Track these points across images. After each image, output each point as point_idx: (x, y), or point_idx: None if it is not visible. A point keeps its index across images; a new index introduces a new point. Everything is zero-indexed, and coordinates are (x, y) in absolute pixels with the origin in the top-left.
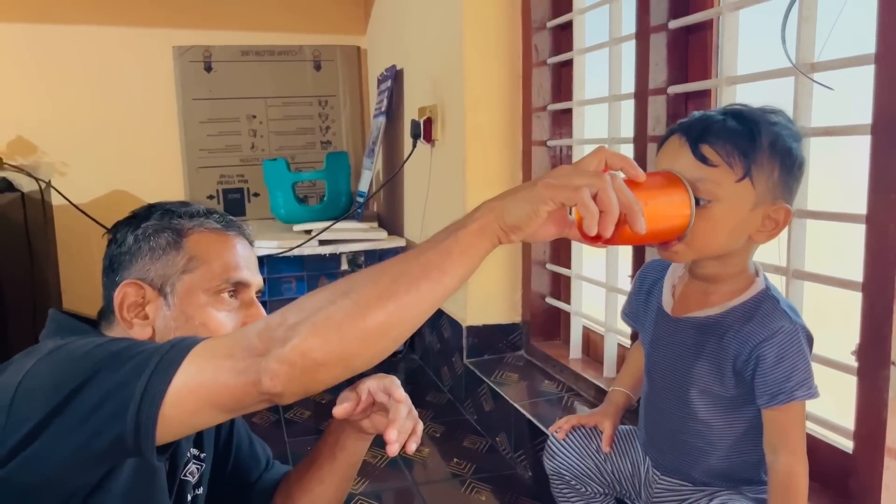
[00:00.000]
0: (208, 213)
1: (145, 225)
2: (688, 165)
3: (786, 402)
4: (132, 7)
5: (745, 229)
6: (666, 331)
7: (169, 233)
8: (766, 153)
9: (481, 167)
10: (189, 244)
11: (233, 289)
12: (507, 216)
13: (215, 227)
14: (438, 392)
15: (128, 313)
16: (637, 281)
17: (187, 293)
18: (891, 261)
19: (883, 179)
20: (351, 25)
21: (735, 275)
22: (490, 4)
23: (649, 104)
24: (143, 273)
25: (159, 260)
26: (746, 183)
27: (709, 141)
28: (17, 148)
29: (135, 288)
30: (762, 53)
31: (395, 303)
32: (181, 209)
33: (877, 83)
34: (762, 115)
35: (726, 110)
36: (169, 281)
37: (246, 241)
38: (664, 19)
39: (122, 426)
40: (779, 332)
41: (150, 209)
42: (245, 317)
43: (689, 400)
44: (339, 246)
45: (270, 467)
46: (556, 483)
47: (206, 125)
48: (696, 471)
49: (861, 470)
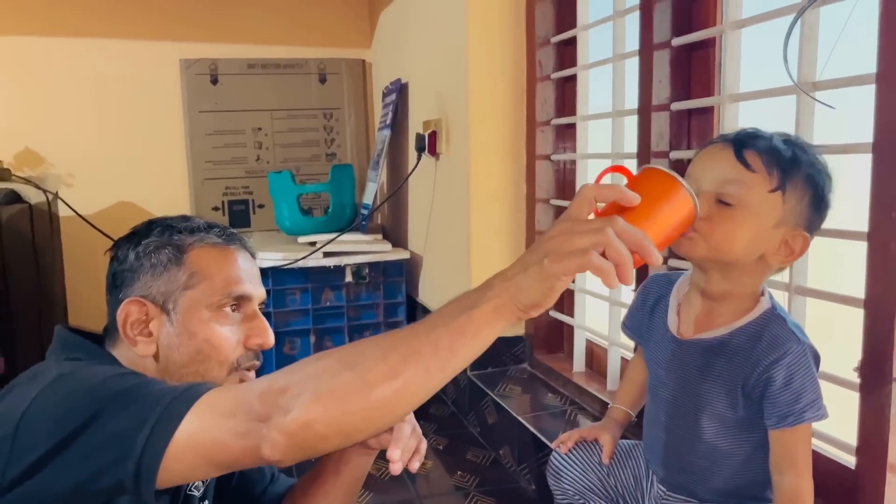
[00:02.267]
0: (209, 227)
1: (146, 242)
2: (726, 167)
3: (795, 424)
4: (139, 20)
5: (763, 245)
6: (672, 352)
7: (170, 249)
8: (803, 178)
9: (485, 181)
10: (190, 260)
11: (235, 303)
12: (522, 297)
13: (216, 242)
14: (442, 404)
15: (131, 331)
16: (640, 295)
17: (190, 309)
18: (892, 278)
19: (884, 197)
20: (356, 39)
21: (743, 295)
22: (495, 19)
23: (652, 120)
24: (145, 290)
25: (161, 277)
26: (777, 196)
27: (754, 146)
28: (25, 159)
29: (137, 305)
30: (765, 71)
31: (401, 381)
32: (181, 224)
33: (877, 102)
34: (808, 148)
35: (778, 132)
36: (171, 297)
37: (247, 254)
38: (667, 36)
39: (123, 474)
40: (788, 354)
41: (149, 225)
42: (248, 329)
43: (696, 421)
44: (343, 258)
45: (275, 481)
46: (559, 498)
47: (211, 137)
48: (701, 490)
49: (864, 486)
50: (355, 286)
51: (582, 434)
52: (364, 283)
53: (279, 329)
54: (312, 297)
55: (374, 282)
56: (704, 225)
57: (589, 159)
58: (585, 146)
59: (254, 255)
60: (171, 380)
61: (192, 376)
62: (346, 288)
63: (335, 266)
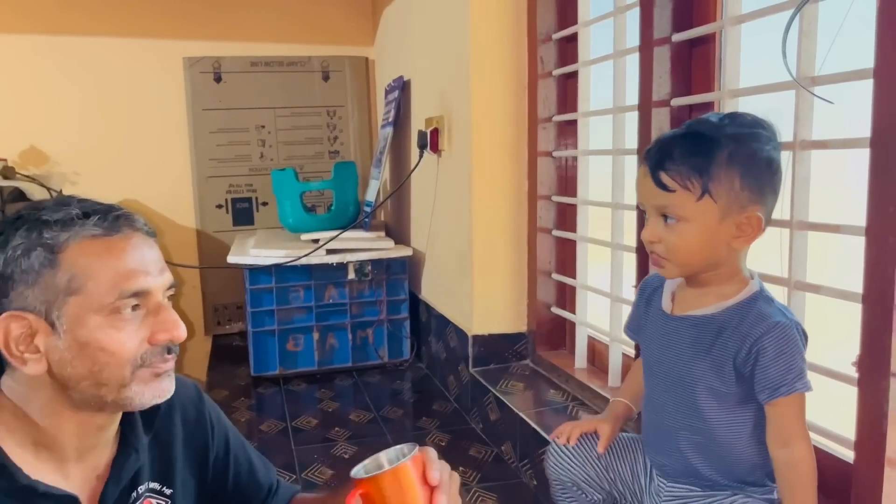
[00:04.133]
0: (86, 214)
1: (13, 244)
2: (653, 193)
3: (788, 394)
4: (143, 19)
5: (721, 239)
6: (665, 329)
7: (40, 250)
8: (724, 167)
9: (487, 177)
10: (66, 260)
11: (135, 302)
12: None
13: (95, 233)
14: (444, 401)
15: (16, 349)
16: (638, 293)
17: (77, 318)
18: (890, 272)
19: (882, 192)
20: (359, 36)
21: (728, 278)
22: (496, 17)
23: (653, 116)
24: (22, 301)
25: (36, 284)
26: (707, 200)
27: (665, 168)
28: (30, 158)
29: (17, 320)
30: (764, 67)
31: None
32: (53, 215)
33: (875, 97)
34: (720, 128)
35: (686, 131)
36: (54, 306)
37: (141, 236)
38: (667, 32)
39: None
40: (776, 327)
41: (16, 221)
42: (154, 325)
43: (690, 396)
44: (346, 255)
45: (275, 492)
46: (556, 488)
47: (215, 135)
48: (701, 468)
49: (862, 480)
50: (358, 283)
51: (582, 427)
52: (367, 280)
53: (282, 326)
54: (315, 294)
55: (376, 279)
56: (662, 247)
57: (590, 155)
58: (587, 142)
59: (151, 233)
60: (73, 393)
61: (93, 388)
62: (348, 285)
63: (338, 263)
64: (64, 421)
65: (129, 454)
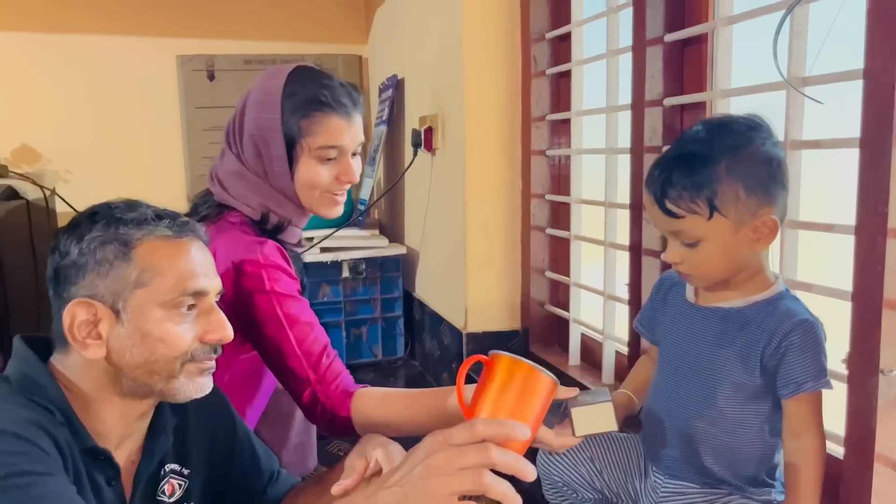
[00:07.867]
0: (158, 217)
1: (89, 237)
2: (665, 221)
3: (812, 390)
4: (136, 17)
5: (741, 248)
6: (689, 319)
7: (116, 244)
8: (725, 181)
9: (481, 176)
10: (139, 256)
11: (192, 301)
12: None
13: (166, 234)
14: None
15: (79, 334)
16: (654, 288)
17: (141, 309)
18: (879, 271)
19: (871, 192)
20: (352, 35)
21: (752, 276)
22: (490, 16)
23: (645, 115)
24: (91, 289)
25: (108, 275)
26: (717, 217)
27: (669, 196)
28: (22, 156)
29: (84, 307)
30: (756, 67)
31: None
32: (128, 215)
33: (865, 98)
34: (711, 142)
35: (679, 152)
36: (121, 297)
37: (200, 243)
38: (660, 32)
39: None
40: (805, 324)
41: (92, 216)
42: (205, 324)
43: (708, 386)
44: (340, 253)
45: (275, 480)
46: (547, 488)
47: (208, 133)
48: (705, 460)
49: (851, 476)
50: (352, 281)
51: None
52: (361, 278)
53: None
54: (309, 292)
55: (370, 277)
56: (686, 267)
57: (584, 154)
58: (580, 141)
59: (207, 242)
60: (125, 380)
61: (146, 376)
62: (343, 283)
63: (332, 261)
64: (110, 407)
65: (158, 434)
